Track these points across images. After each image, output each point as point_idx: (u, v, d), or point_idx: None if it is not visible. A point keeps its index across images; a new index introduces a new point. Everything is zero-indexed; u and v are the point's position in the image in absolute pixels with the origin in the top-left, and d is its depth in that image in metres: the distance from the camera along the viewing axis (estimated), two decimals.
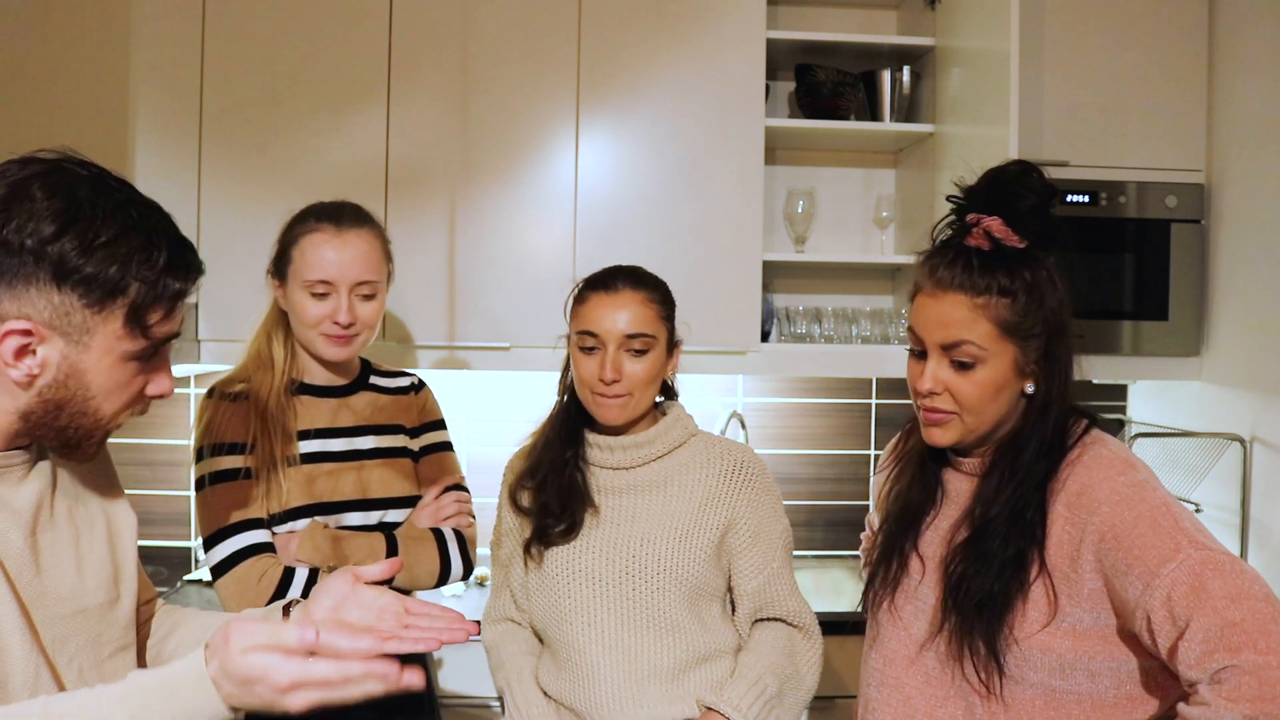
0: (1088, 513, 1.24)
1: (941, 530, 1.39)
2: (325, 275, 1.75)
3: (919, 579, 1.39)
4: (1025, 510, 1.27)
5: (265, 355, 1.82)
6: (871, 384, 2.96)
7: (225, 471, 1.73)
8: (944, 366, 1.30)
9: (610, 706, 1.64)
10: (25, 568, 1.06)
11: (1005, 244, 1.27)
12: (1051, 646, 1.24)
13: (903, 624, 1.40)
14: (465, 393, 2.83)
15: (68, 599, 1.10)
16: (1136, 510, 1.21)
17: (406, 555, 1.78)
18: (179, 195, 2.44)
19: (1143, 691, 1.26)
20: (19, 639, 1.02)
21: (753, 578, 1.70)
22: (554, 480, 1.72)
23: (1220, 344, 2.56)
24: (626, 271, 1.72)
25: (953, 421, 1.32)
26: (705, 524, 1.69)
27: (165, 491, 2.81)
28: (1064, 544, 1.25)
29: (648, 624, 1.65)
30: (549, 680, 1.72)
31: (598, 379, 1.65)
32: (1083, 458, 1.29)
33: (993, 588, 1.26)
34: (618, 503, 1.71)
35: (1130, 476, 1.25)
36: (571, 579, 1.68)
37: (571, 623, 1.67)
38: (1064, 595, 1.24)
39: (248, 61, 2.46)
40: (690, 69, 2.52)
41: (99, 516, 1.19)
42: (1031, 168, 1.29)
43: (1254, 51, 2.46)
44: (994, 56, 2.30)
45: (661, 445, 1.72)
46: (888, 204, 2.81)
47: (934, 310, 1.30)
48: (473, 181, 2.50)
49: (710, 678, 1.67)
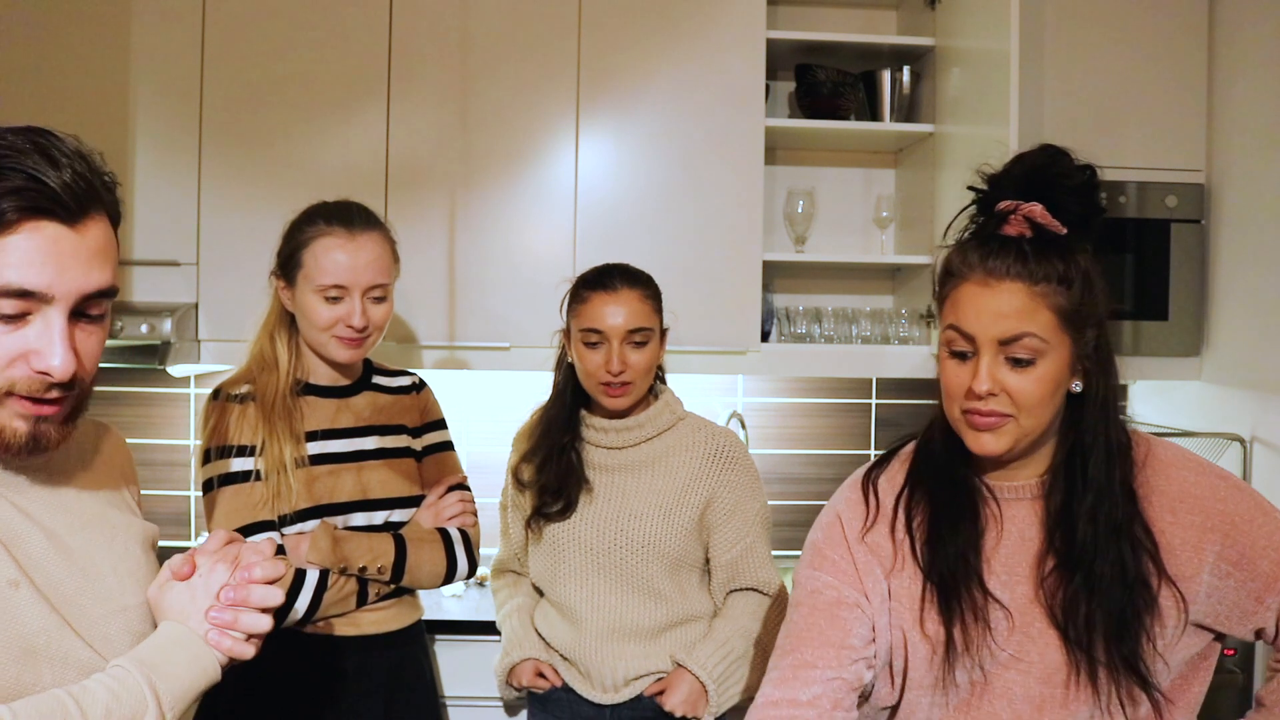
0: (1200, 514, 1.20)
1: (1016, 568, 1.22)
2: (339, 280, 1.75)
3: (1007, 630, 1.21)
4: (1129, 523, 1.18)
5: (269, 356, 1.81)
6: (871, 384, 2.96)
7: (234, 474, 1.73)
8: (1000, 364, 1.16)
9: (594, 656, 1.89)
10: (57, 571, 1.04)
11: (1047, 230, 1.17)
12: (1176, 650, 1.21)
13: (1005, 693, 1.21)
14: (465, 393, 2.83)
15: (107, 598, 1.09)
16: (1244, 503, 1.20)
17: (414, 555, 1.79)
18: (179, 195, 2.45)
19: (1190, 672, 1.24)
20: (56, 642, 1.01)
21: (727, 551, 1.91)
22: (553, 464, 1.92)
23: (1220, 344, 2.56)
24: (620, 270, 1.90)
25: (1008, 425, 1.17)
26: (687, 502, 1.90)
27: (165, 491, 2.81)
28: (1177, 548, 1.19)
29: (633, 589, 1.89)
30: (545, 624, 1.97)
31: (604, 371, 1.84)
32: (1153, 458, 1.23)
33: (1124, 611, 1.16)
34: (610, 479, 1.93)
35: (1212, 468, 1.24)
36: (566, 546, 1.92)
37: (565, 583, 1.92)
38: (1190, 600, 1.19)
39: (248, 61, 2.46)
40: (690, 69, 2.52)
41: (132, 521, 1.19)
42: (1061, 151, 1.20)
43: (1254, 51, 2.46)
44: (994, 56, 2.30)
45: (651, 428, 1.93)
46: (888, 204, 2.81)
47: (989, 302, 1.16)
48: (473, 181, 2.50)
49: (685, 638, 1.90)
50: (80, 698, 0.95)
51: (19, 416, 0.97)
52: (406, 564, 1.78)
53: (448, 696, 2.27)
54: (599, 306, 1.85)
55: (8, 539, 1.01)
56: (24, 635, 0.99)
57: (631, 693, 1.89)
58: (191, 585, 1.09)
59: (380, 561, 1.76)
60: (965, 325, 1.18)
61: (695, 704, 1.84)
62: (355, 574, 1.75)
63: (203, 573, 1.09)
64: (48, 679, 1.00)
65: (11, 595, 0.99)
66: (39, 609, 1.01)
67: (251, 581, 1.08)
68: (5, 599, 0.98)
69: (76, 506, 1.11)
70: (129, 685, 0.98)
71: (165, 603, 1.09)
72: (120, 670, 1.00)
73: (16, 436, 0.97)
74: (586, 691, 1.91)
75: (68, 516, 1.09)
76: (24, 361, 0.95)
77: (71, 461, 1.14)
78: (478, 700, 2.25)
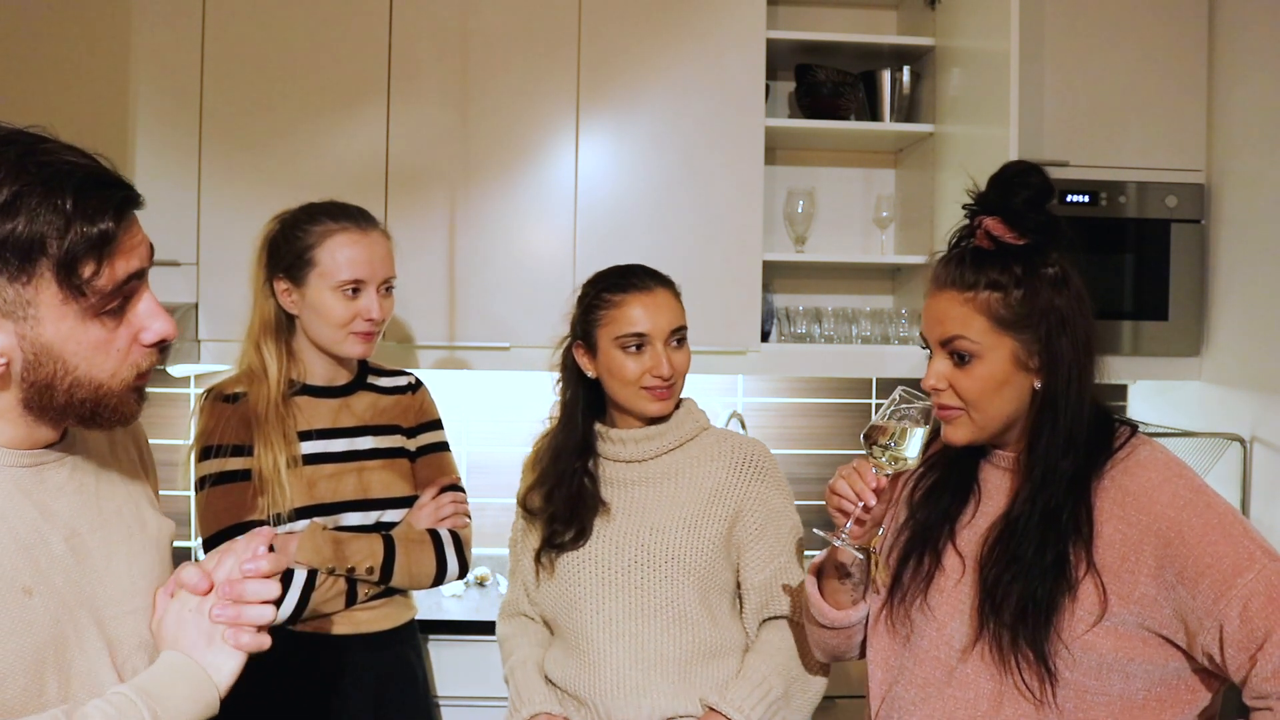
0: (1148, 515, 1.22)
1: (980, 529, 1.35)
2: (358, 275, 1.77)
3: (957, 577, 1.34)
4: (1060, 512, 1.25)
5: (258, 368, 1.80)
6: (871, 384, 2.96)
7: (224, 474, 1.73)
8: (945, 363, 1.31)
9: (615, 694, 1.66)
10: (71, 570, 1.04)
11: (1004, 242, 1.28)
12: (1094, 646, 1.23)
13: (937, 624, 1.34)
14: (465, 393, 2.83)
15: (121, 599, 1.09)
16: (1204, 517, 1.19)
17: (404, 556, 1.79)
18: (179, 195, 2.45)
19: (1170, 693, 1.24)
20: (63, 652, 1.01)
21: (760, 570, 1.71)
22: (563, 491, 1.75)
23: (1220, 344, 2.56)
24: (643, 270, 1.77)
25: (961, 418, 1.32)
26: (714, 514, 1.71)
27: (165, 492, 2.78)
28: (1116, 543, 1.23)
29: (656, 612, 1.67)
30: (556, 668, 1.74)
31: (650, 375, 1.70)
32: (1133, 456, 1.28)
33: (1035, 592, 1.24)
34: (628, 494, 1.75)
35: (1190, 480, 1.24)
36: (580, 571, 1.72)
37: (580, 610, 1.70)
38: (1114, 595, 1.22)
39: (248, 61, 2.46)
40: (690, 69, 2.52)
41: (150, 518, 1.18)
42: (1030, 167, 1.30)
43: (1254, 51, 2.46)
44: (994, 56, 2.30)
45: (673, 438, 1.76)
46: (888, 204, 2.81)
47: (932, 308, 1.33)
48: (473, 181, 2.50)
49: (717, 675, 1.67)
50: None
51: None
52: (396, 565, 1.78)
53: (446, 696, 2.27)
54: (637, 308, 1.71)
55: (28, 543, 1.01)
56: (35, 646, 0.98)
57: None
58: (193, 611, 1.08)
59: (369, 562, 1.76)
60: (923, 329, 1.36)
61: None
62: (344, 574, 1.75)
63: (192, 605, 1.08)
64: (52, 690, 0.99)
65: (25, 603, 0.98)
66: (50, 617, 1.00)
67: (247, 577, 1.07)
68: (19, 606, 0.98)
69: (98, 502, 1.11)
70: (130, 716, 0.97)
71: (163, 630, 1.09)
72: (122, 699, 0.99)
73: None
74: None
75: (89, 513, 1.09)
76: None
77: (97, 455, 1.14)
78: (477, 700, 2.25)
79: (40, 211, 0.94)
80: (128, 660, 1.08)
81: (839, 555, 1.43)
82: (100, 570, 1.07)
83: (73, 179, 0.96)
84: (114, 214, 0.98)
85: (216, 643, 1.06)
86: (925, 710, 1.33)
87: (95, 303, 0.98)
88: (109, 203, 0.98)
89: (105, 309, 0.99)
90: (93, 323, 0.99)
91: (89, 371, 1.00)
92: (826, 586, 1.48)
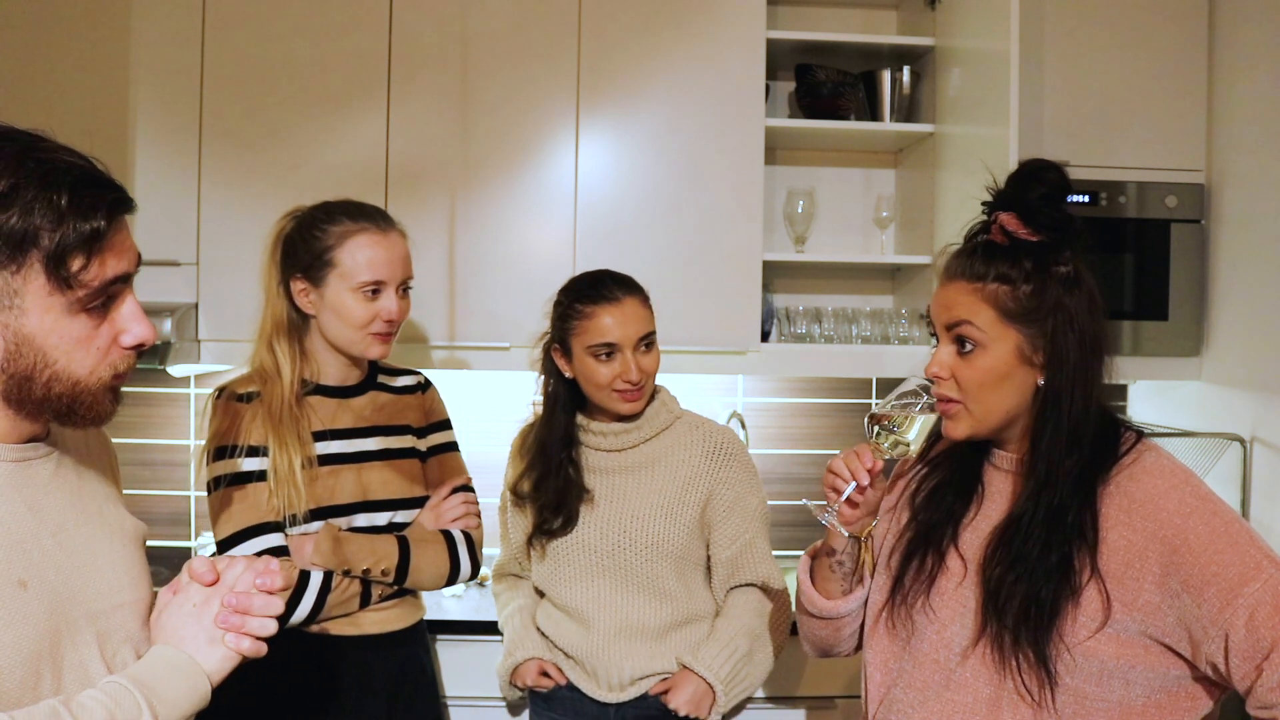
0: (1154, 522, 1.21)
1: (982, 531, 1.34)
2: (379, 276, 1.77)
3: (959, 579, 1.34)
4: (1065, 512, 1.24)
5: (270, 368, 1.79)
6: (871, 384, 2.96)
7: (240, 474, 1.73)
8: (950, 350, 1.32)
9: (602, 655, 1.90)
10: (60, 566, 1.05)
11: (1018, 237, 1.29)
12: (1096, 652, 1.22)
13: (938, 625, 1.34)
14: (465, 393, 2.83)
15: (108, 593, 1.10)
16: (1211, 525, 1.19)
17: (418, 557, 1.79)
18: (179, 196, 2.45)
19: (1171, 701, 1.24)
20: (56, 644, 1.02)
21: (727, 547, 1.93)
22: (551, 481, 1.92)
23: (1220, 344, 2.56)
24: (612, 278, 1.90)
25: (960, 411, 1.31)
26: (688, 500, 1.91)
27: (165, 491, 2.81)
28: (1121, 550, 1.22)
29: (639, 589, 1.90)
30: (548, 622, 1.98)
31: (620, 380, 1.85)
32: (1139, 463, 1.27)
33: (1039, 593, 1.23)
34: (610, 482, 1.94)
35: (1196, 488, 1.23)
36: (570, 552, 1.93)
37: (570, 586, 1.93)
38: (1118, 602, 1.21)
39: (248, 61, 2.46)
40: (690, 69, 2.52)
41: (125, 517, 1.20)
42: (1047, 164, 1.30)
43: (1254, 51, 2.46)
44: (994, 56, 2.30)
45: (649, 428, 1.94)
46: (888, 204, 2.81)
47: (941, 296, 1.34)
48: (473, 181, 2.50)
49: (690, 638, 1.91)
50: (78, 713, 0.95)
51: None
52: (410, 566, 1.78)
53: (449, 697, 2.27)
54: (606, 319, 1.84)
55: (20, 537, 1.02)
56: (31, 638, 0.99)
57: (637, 691, 1.91)
58: (194, 609, 1.11)
59: (384, 563, 1.76)
60: (931, 315, 1.37)
61: (699, 704, 1.86)
62: (359, 576, 1.75)
63: (197, 600, 1.11)
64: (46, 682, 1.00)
65: (21, 595, 1.00)
66: (45, 610, 1.01)
67: (259, 590, 1.10)
68: (15, 600, 0.99)
69: (82, 500, 1.12)
70: (126, 705, 0.98)
71: (161, 624, 1.11)
72: (116, 687, 1.00)
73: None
74: (591, 690, 1.92)
75: (75, 509, 1.10)
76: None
77: (76, 454, 1.15)
78: (479, 700, 2.25)
79: (36, 205, 0.96)
80: (116, 653, 1.09)
81: (831, 540, 1.44)
82: (87, 565, 1.09)
83: (69, 176, 0.99)
84: (106, 213, 1.01)
85: (215, 643, 1.08)
86: (922, 714, 1.33)
87: (81, 297, 1.00)
88: (102, 202, 1.01)
89: (90, 305, 1.01)
90: (76, 318, 1.01)
91: (68, 366, 1.02)
92: (819, 574, 1.49)
